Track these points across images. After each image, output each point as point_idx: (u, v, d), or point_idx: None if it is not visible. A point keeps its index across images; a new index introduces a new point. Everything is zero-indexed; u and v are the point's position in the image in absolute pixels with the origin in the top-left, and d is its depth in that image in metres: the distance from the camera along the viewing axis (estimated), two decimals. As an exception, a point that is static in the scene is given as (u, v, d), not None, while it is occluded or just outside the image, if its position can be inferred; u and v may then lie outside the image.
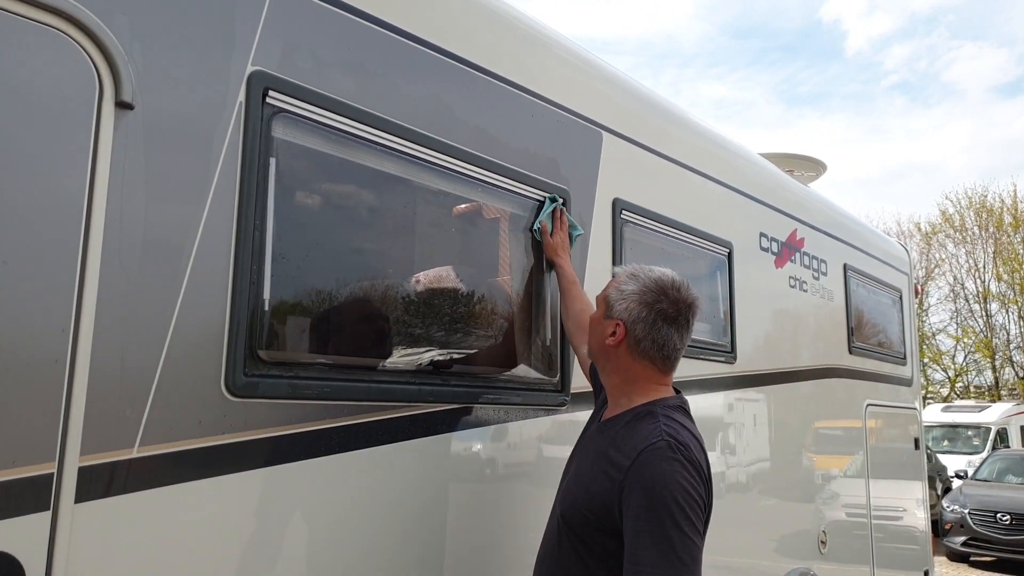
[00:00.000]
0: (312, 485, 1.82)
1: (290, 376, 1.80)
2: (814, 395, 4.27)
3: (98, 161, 1.51)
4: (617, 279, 1.91)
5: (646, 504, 1.60)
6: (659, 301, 1.81)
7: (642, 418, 1.77)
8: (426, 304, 2.22)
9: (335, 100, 1.96)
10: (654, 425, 1.72)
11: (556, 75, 2.75)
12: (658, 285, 1.83)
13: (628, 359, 1.84)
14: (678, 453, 1.65)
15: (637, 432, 1.73)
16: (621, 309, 1.83)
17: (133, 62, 1.57)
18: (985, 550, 10.61)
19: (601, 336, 1.87)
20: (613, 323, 1.83)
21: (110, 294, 1.50)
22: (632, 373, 1.84)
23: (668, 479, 1.61)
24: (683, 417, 1.81)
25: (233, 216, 1.73)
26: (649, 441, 1.67)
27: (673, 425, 1.73)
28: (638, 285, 1.83)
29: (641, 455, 1.66)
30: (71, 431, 1.42)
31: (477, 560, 2.25)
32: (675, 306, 1.82)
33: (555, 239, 2.52)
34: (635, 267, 1.91)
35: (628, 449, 1.70)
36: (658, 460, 1.64)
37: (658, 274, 1.86)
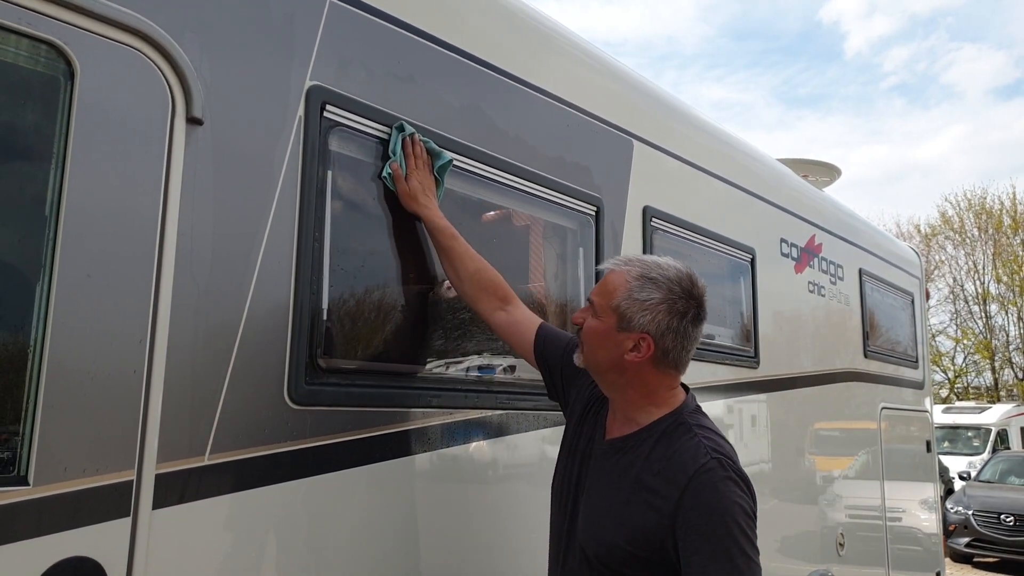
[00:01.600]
0: (371, 490, 1.86)
1: (348, 384, 1.84)
2: (832, 399, 4.32)
3: (171, 176, 1.54)
4: (622, 281, 1.64)
5: (708, 534, 1.49)
6: (688, 307, 1.63)
7: (674, 434, 1.61)
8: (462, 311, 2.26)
9: (387, 113, 2.00)
10: (694, 441, 1.58)
11: (591, 85, 2.80)
12: (681, 287, 1.63)
13: (652, 373, 1.64)
14: (730, 471, 1.53)
15: (677, 452, 1.57)
16: (646, 321, 1.60)
17: (202, 79, 1.61)
18: (989, 551, 10.68)
19: (616, 352, 1.63)
20: (635, 337, 1.61)
21: (183, 306, 1.54)
22: (654, 384, 1.66)
23: (728, 504, 1.50)
24: (708, 420, 1.69)
25: (294, 228, 1.76)
26: (699, 463, 1.53)
27: (711, 437, 1.60)
28: (661, 291, 1.62)
29: (693, 481, 1.52)
30: (148, 440, 1.46)
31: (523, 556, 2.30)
32: (701, 305, 1.66)
33: (410, 184, 1.98)
34: (639, 264, 1.67)
35: (673, 475, 1.54)
36: (713, 484, 1.51)
37: (672, 272, 1.65)
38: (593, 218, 2.71)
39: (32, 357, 1.35)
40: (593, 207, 2.70)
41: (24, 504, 1.30)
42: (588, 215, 2.70)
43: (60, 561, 1.32)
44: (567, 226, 2.68)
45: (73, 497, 1.35)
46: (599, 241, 2.71)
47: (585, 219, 2.69)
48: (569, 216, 2.65)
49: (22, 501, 1.29)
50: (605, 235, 2.74)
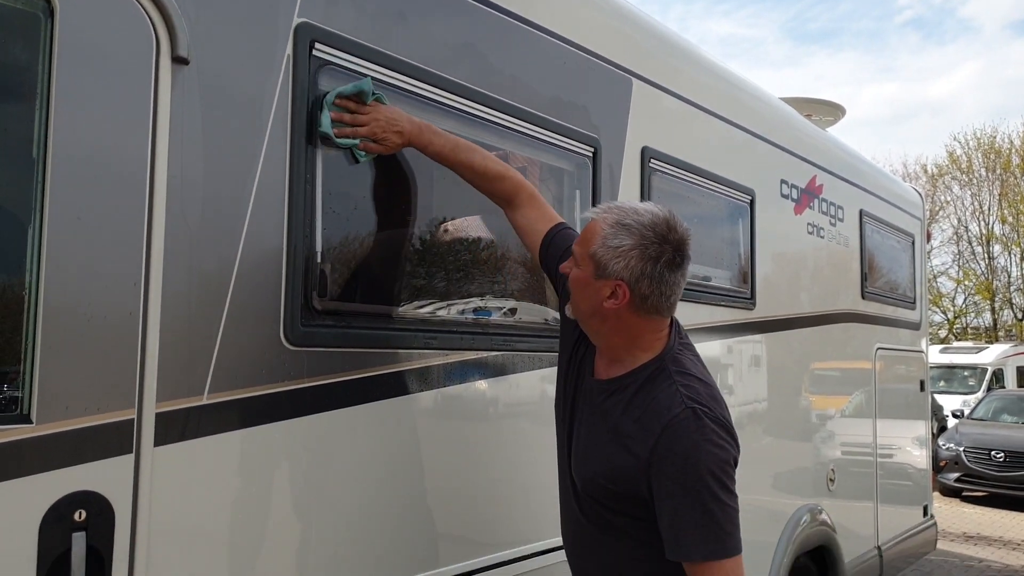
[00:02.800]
0: (366, 429, 1.90)
1: (343, 325, 1.86)
2: (828, 339, 4.36)
3: (158, 117, 1.53)
4: (599, 229, 1.64)
5: (681, 483, 1.52)
6: (662, 252, 1.60)
7: (654, 381, 1.64)
8: (461, 254, 2.27)
9: (379, 52, 1.96)
10: (671, 390, 1.60)
11: (589, 22, 2.74)
12: (656, 232, 1.60)
13: (632, 318, 1.65)
14: (704, 419, 1.55)
15: (654, 399, 1.61)
16: (620, 268, 1.60)
17: (187, 17, 1.58)
18: (978, 486, 10.93)
19: (595, 299, 1.65)
20: (611, 284, 1.61)
21: (175, 248, 1.55)
22: (636, 330, 1.67)
23: (700, 453, 1.52)
24: (691, 361, 1.69)
25: (285, 170, 1.76)
26: (672, 413, 1.56)
27: (690, 383, 1.61)
28: (633, 237, 1.60)
29: (667, 430, 1.55)
30: (147, 380, 1.48)
31: (539, 495, 2.36)
32: (679, 250, 1.62)
33: (389, 141, 1.89)
34: (616, 211, 1.65)
35: (648, 422, 1.58)
36: (685, 434, 1.54)
37: (649, 217, 1.62)
38: (590, 159, 2.69)
39: (28, 300, 1.37)
40: (590, 148, 2.68)
41: (28, 441, 1.33)
42: (585, 156, 2.68)
43: (67, 495, 1.37)
44: (563, 167, 2.66)
45: (76, 435, 1.38)
46: (596, 183, 2.69)
47: (582, 160, 2.67)
48: (565, 157, 2.63)
49: (26, 439, 1.33)
50: (602, 177, 2.72)
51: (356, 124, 1.85)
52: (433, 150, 1.97)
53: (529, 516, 2.36)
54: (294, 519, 1.75)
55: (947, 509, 10.17)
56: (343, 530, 1.85)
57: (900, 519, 5.18)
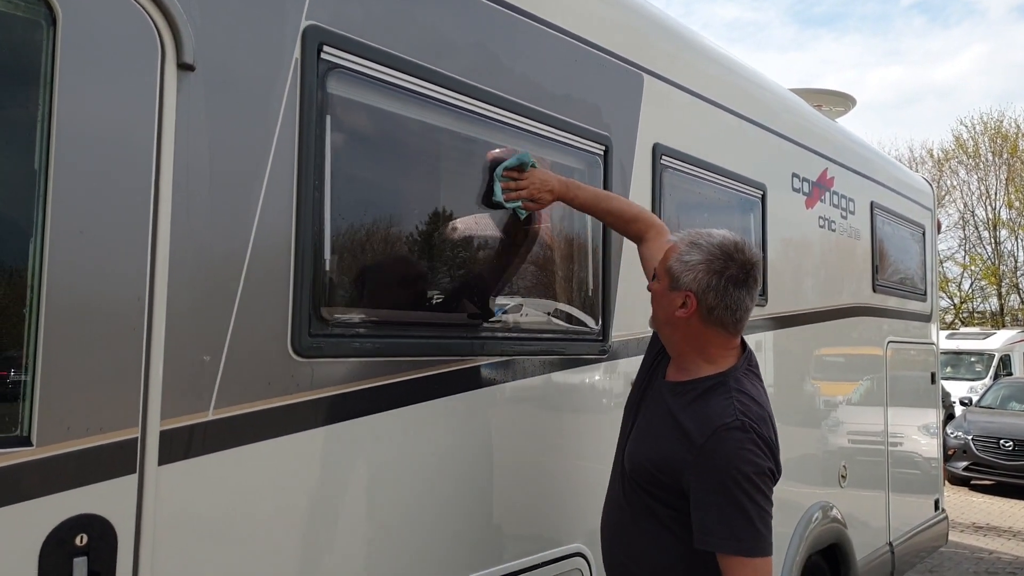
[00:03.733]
0: (379, 440, 1.87)
1: (352, 335, 1.82)
2: (839, 334, 4.31)
3: (164, 127, 1.49)
4: (676, 249, 1.87)
5: (718, 479, 1.67)
6: (727, 267, 1.79)
7: (714, 392, 1.79)
8: (474, 257, 2.22)
9: (387, 53, 1.91)
10: (727, 401, 1.75)
11: (599, 17, 2.68)
12: (723, 250, 1.81)
13: (700, 328, 1.83)
14: (751, 432, 1.70)
15: (710, 406, 1.76)
16: (689, 280, 1.81)
17: (192, 23, 1.53)
18: (986, 474, 10.89)
19: (669, 308, 1.85)
20: (682, 294, 1.82)
21: (181, 262, 1.51)
22: (703, 340, 1.85)
23: (740, 457, 1.67)
24: (752, 385, 1.84)
25: (293, 177, 1.71)
26: (723, 420, 1.71)
27: (744, 400, 1.76)
28: (703, 253, 1.81)
29: (715, 434, 1.70)
30: (151, 397, 1.45)
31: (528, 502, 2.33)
32: (743, 269, 1.81)
33: (540, 195, 2.23)
34: (693, 234, 1.88)
35: (702, 424, 1.74)
36: (732, 440, 1.69)
37: (719, 238, 1.84)
38: (601, 157, 2.64)
39: (29, 317, 1.33)
40: (602, 146, 2.63)
41: (29, 464, 1.30)
42: (596, 154, 2.63)
43: (68, 518, 1.33)
44: (574, 166, 2.60)
45: (77, 456, 1.35)
46: (607, 181, 2.64)
47: (593, 159, 2.62)
48: (577, 156, 2.58)
49: (27, 462, 1.29)
50: (614, 175, 2.67)
51: (518, 189, 2.20)
52: (578, 203, 2.34)
53: (552, 524, 2.32)
54: (307, 537, 1.72)
55: (956, 498, 10.15)
56: (361, 547, 1.82)
57: (911, 515, 5.15)
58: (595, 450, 2.55)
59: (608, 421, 2.64)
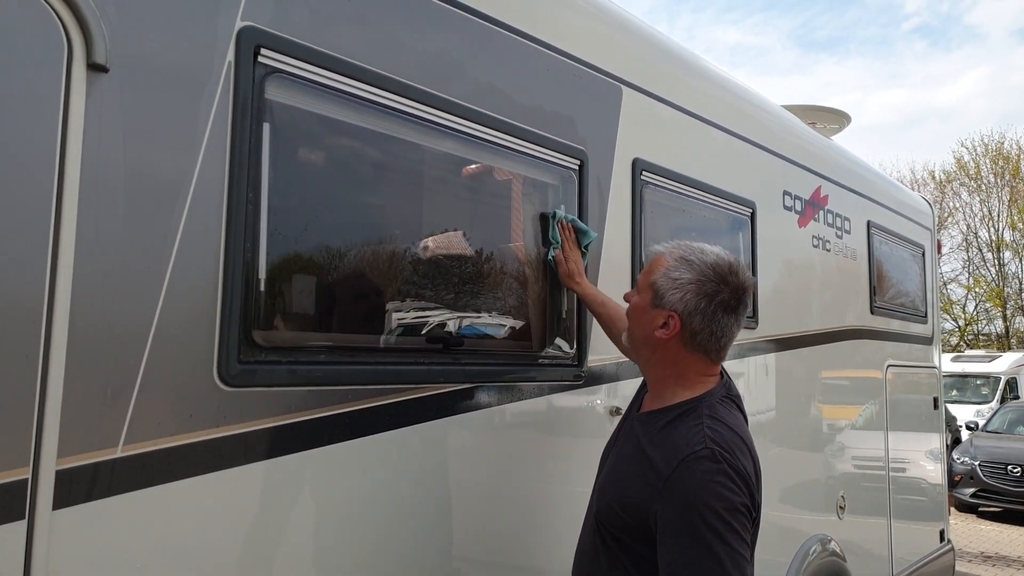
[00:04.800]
0: (317, 477, 1.70)
1: (289, 361, 1.67)
2: (836, 358, 4.14)
3: (69, 131, 1.35)
4: (663, 262, 1.69)
5: (686, 520, 1.45)
6: (719, 291, 1.62)
7: (685, 417, 1.61)
8: (434, 276, 2.08)
9: (334, 57, 1.78)
10: (697, 427, 1.56)
11: (572, 25, 2.55)
12: (716, 272, 1.63)
13: (680, 352, 1.66)
14: (722, 462, 1.49)
15: (678, 433, 1.58)
16: (675, 300, 1.63)
17: (106, 20, 1.40)
18: (994, 501, 10.62)
19: (648, 327, 1.67)
20: (664, 314, 1.64)
21: (87, 282, 1.36)
22: (682, 367, 1.67)
23: (708, 491, 1.46)
24: (729, 412, 1.66)
25: (223, 188, 1.57)
26: (691, 448, 1.52)
27: (716, 427, 1.57)
28: (694, 273, 1.63)
29: (681, 465, 1.50)
30: (47, 432, 1.29)
31: (494, 546, 2.16)
32: (736, 294, 1.64)
33: (569, 265, 2.33)
34: (684, 248, 1.69)
35: (668, 454, 1.55)
36: (699, 471, 1.48)
37: (713, 258, 1.66)
38: (576, 172, 2.50)
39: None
40: (576, 160, 2.49)
41: None
42: (571, 169, 2.49)
43: (-57, 572, 1.18)
44: (547, 181, 2.46)
45: (-44, 500, 1.19)
46: (582, 197, 2.50)
47: (567, 173, 2.48)
48: (549, 170, 2.44)
49: None
50: (590, 190, 2.53)
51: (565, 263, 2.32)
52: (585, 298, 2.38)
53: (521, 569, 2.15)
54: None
55: (963, 526, 9.88)
56: (290, 592, 1.65)
57: (915, 546, 4.93)
58: (569, 485, 2.38)
59: (584, 452, 2.47)
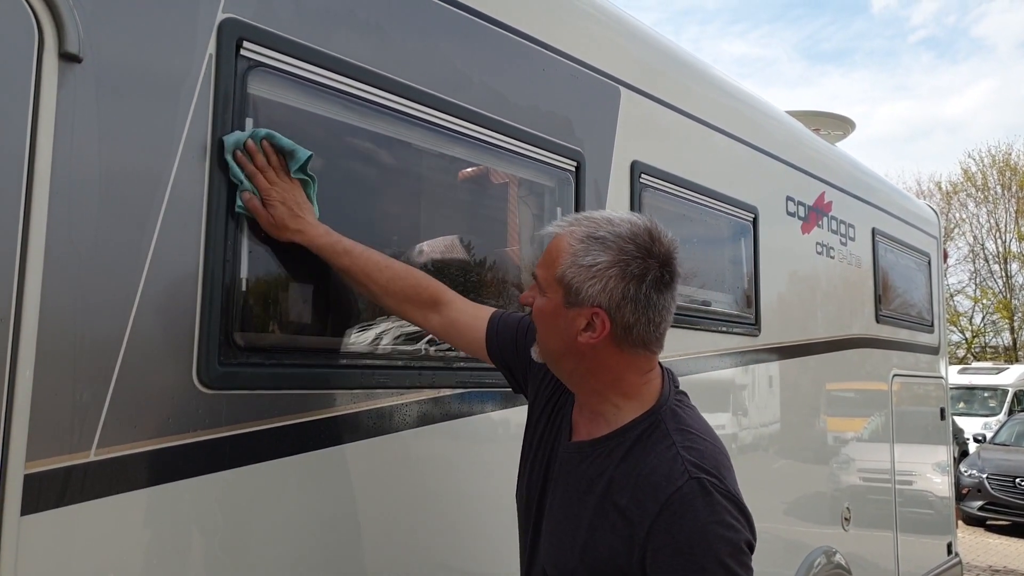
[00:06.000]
0: (300, 483, 1.65)
1: (272, 364, 1.62)
2: (840, 367, 4.07)
3: (39, 123, 1.30)
4: (565, 246, 1.33)
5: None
6: (647, 267, 1.28)
7: (648, 440, 1.32)
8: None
9: (321, 52, 1.74)
10: (669, 452, 1.28)
11: (570, 25, 2.51)
12: (637, 244, 1.29)
13: (614, 355, 1.33)
14: (713, 493, 1.23)
15: (648, 466, 1.28)
16: (596, 292, 1.29)
17: (80, 8, 1.36)
18: (1002, 515, 10.50)
19: (566, 333, 1.33)
20: (586, 312, 1.30)
21: (59, 277, 1.31)
22: (619, 369, 1.35)
23: (708, 537, 1.20)
24: (690, 414, 1.38)
25: (204, 184, 1.52)
26: (674, 486, 1.24)
27: (692, 444, 1.30)
28: (610, 252, 1.29)
29: (665, 510, 1.23)
30: (15, 435, 1.24)
31: (482, 553, 2.09)
32: (666, 265, 1.31)
33: (272, 210, 1.58)
34: (585, 223, 1.34)
35: (642, 498, 1.26)
36: (691, 514, 1.22)
37: (627, 228, 1.31)
38: (573, 174, 2.45)
39: None
40: (573, 162, 2.44)
41: None
42: (567, 171, 2.44)
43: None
44: (543, 183, 2.42)
45: (-85, 505, 1.14)
46: (579, 199, 2.45)
47: (563, 175, 2.43)
48: (545, 172, 2.39)
49: None
50: (587, 193, 2.48)
51: (256, 177, 1.56)
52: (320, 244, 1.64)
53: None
54: (207, 594, 1.49)
55: (970, 540, 9.75)
56: (271, 603, 1.59)
57: (922, 559, 4.84)
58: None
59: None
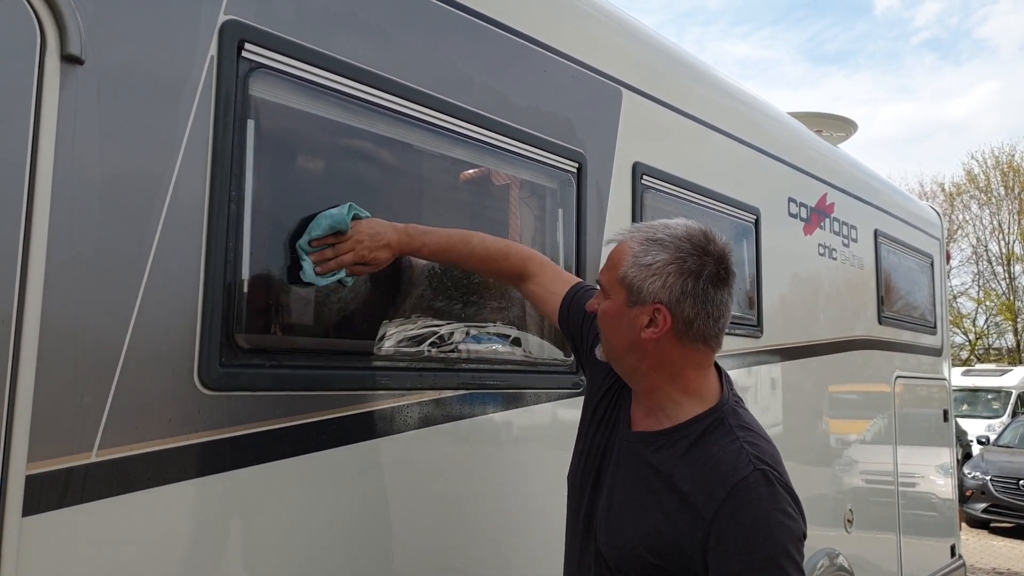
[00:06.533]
0: (302, 485, 1.65)
1: (274, 365, 1.62)
2: (843, 368, 4.07)
3: (41, 125, 1.30)
4: (627, 250, 1.44)
5: (746, 560, 1.28)
6: (704, 264, 1.39)
7: (712, 435, 1.40)
8: (426, 280, 2.03)
9: (322, 54, 1.74)
10: (733, 445, 1.37)
11: (571, 27, 2.51)
12: (693, 244, 1.40)
13: (675, 349, 1.42)
14: (775, 484, 1.33)
15: (714, 457, 1.37)
16: (656, 288, 1.38)
17: (82, 10, 1.36)
18: (1006, 517, 10.47)
19: (631, 331, 1.42)
20: (648, 309, 1.40)
21: (61, 279, 1.31)
22: (679, 365, 1.44)
23: (771, 524, 1.29)
24: (748, 416, 1.48)
25: (205, 186, 1.53)
26: (740, 474, 1.32)
27: (755, 441, 1.39)
28: (668, 251, 1.39)
29: (732, 496, 1.31)
30: (16, 435, 1.24)
31: (481, 558, 2.09)
32: (721, 263, 1.41)
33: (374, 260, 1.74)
34: (644, 229, 1.46)
35: (709, 484, 1.34)
36: (756, 501, 1.30)
37: (683, 230, 1.42)
38: (574, 175, 2.45)
39: None
40: (575, 163, 2.44)
41: None
42: (569, 172, 2.44)
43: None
44: (545, 184, 2.42)
45: (-83, 506, 1.14)
46: (581, 201, 2.45)
47: (565, 177, 2.43)
48: (546, 173, 2.39)
49: None
50: (588, 194, 2.48)
51: (340, 255, 1.70)
52: (427, 251, 1.86)
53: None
54: (208, 595, 1.49)
55: (974, 542, 9.72)
56: (273, 604, 1.59)
57: (925, 561, 4.82)
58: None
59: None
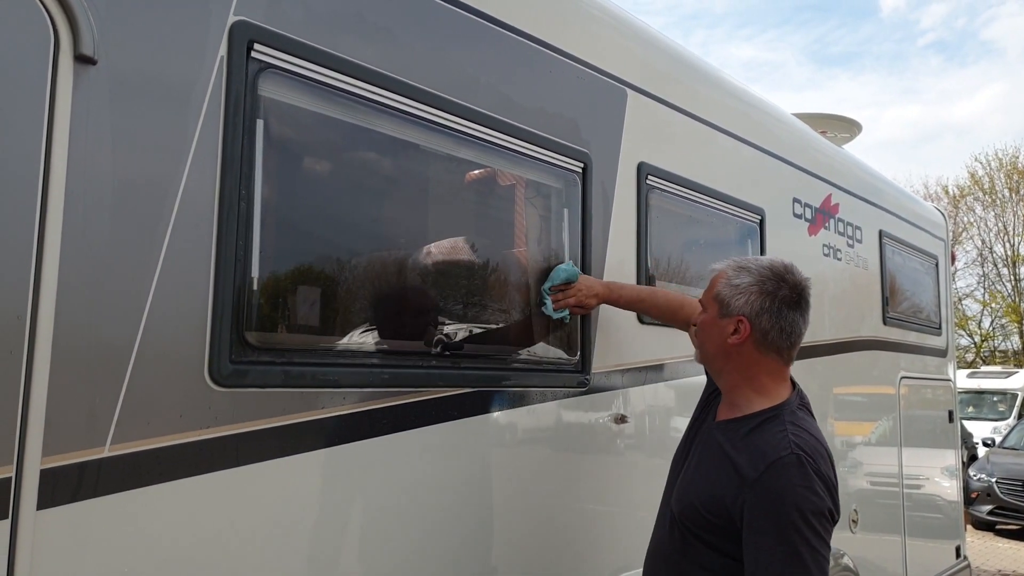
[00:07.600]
0: (310, 481, 1.66)
1: (283, 362, 1.64)
2: (848, 369, 4.07)
3: (55, 124, 1.33)
4: (723, 275, 1.81)
5: (773, 521, 1.56)
6: (780, 288, 1.73)
7: (768, 424, 1.69)
8: (435, 279, 2.04)
9: (331, 55, 1.76)
10: (781, 433, 1.65)
11: (577, 28, 2.53)
12: (773, 272, 1.75)
13: (754, 355, 1.75)
14: (807, 467, 1.59)
15: (763, 440, 1.66)
16: (741, 304, 1.73)
17: (94, 11, 1.38)
18: (1012, 519, 10.42)
19: (720, 337, 1.77)
20: (734, 320, 1.74)
21: (74, 276, 1.33)
22: (755, 370, 1.76)
23: (797, 495, 1.56)
24: (807, 420, 1.75)
25: (215, 184, 1.55)
26: (778, 453, 1.61)
27: (800, 434, 1.66)
28: (752, 276, 1.75)
29: (769, 469, 1.60)
30: (31, 430, 1.26)
31: (493, 556, 2.10)
32: (796, 290, 1.75)
33: (589, 303, 2.33)
34: (739, 259, 1.83)
35: (754, 458, 1.64)
36: (786, 475, 1.58)
37: (767, 261, 1.79)
38: (580, 176, 2.46)
39: None
40: (580, 163, 2.46)
41: None
42: (574, 172, 2.45)
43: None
44: (550, 184, 2.43)
45: (-66, 499, 1.16)
46: (586, 201, 2.47)
47: (571, 177, 2.45)
48: (552, 173, 2.41)
49: None
50: (593, 194, 2.50)
51: (567, 298, 2.30)
52: (623, 302, 2.45)
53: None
54: (219, 589, 1.51)
55: (979, 544, 9.68)
56: (282, 599, 1.60)
57: (930, 562, 4.82)
58: (571, 494, 2.33)
59: (587, 460, 2.42)
